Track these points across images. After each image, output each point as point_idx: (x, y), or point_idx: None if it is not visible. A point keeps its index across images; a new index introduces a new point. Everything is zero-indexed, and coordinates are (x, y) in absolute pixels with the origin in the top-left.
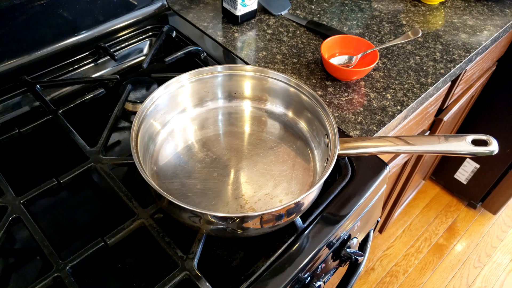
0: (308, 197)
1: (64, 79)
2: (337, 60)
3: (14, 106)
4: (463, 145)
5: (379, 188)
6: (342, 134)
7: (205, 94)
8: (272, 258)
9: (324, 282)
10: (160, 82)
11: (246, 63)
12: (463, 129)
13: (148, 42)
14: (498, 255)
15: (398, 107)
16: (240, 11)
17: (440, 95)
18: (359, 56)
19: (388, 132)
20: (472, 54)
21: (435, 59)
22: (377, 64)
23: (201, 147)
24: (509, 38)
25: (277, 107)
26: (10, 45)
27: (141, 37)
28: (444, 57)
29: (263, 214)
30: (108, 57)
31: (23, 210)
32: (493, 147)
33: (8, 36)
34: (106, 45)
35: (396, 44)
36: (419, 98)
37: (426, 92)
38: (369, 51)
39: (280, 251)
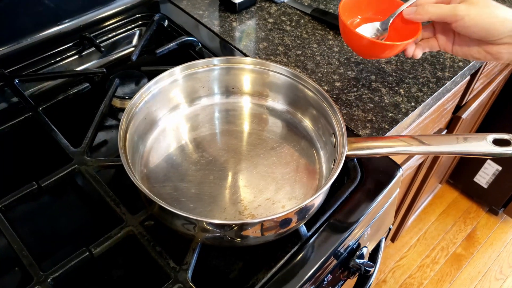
0: (314, 203)
1: (45, 72)
2: (362, 30)
3: None
4: (484, 145)
5: (391, 192)
6: (351, 133)
7: (200, 89)
8: (274, 270)
9: None
10: (151, 76)
11: (245, 55)
12: (483, 128)
13: (138, 32)
14: None
15: (412, 104)
16: None
17: (459, 91)
18: (389, 21)
19: (401, 131)
20: None
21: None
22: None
23: (196, 148)
24: None
25: (279, 104)
26: None
27: (129, 27)
28: None
29: (264, 221)
30: (93, 48)
31: (0, 217)
32: None
33: None
34: (92, 35)
35: None
36: (435, 93)
37: (443, 87)
38: (398, 12)
39: (282, 261)
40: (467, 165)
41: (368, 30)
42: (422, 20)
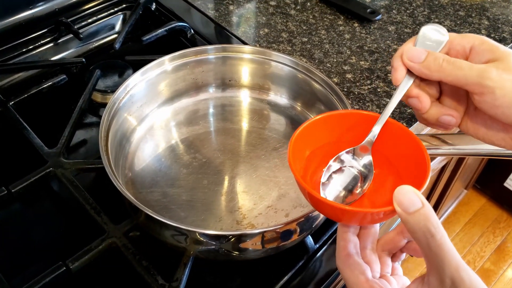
0: None
1: (16, 62)
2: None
3: None
4: None
5: None
6: None
7: (193, 81)
8: (277, 287)
9: None
10: (136, 66)
11: (244, 43)
12: None
13: (121, 16)
14: None
15: None
16: None
17: None
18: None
19: (422, 129)
20: None
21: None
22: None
23: (188, 148)
24: None
25: (282, 98)
26: None
27: (112, 10)
28: (492, 35)
29: (264, 231)
30: (71, 35)
31: None
32: None
33: None
34: (69, 20)
35: (433, 20)
36: None
37: None
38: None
39: (286, 278)
40: (496, 168)
41: (341, 177)
42: (427, 77)
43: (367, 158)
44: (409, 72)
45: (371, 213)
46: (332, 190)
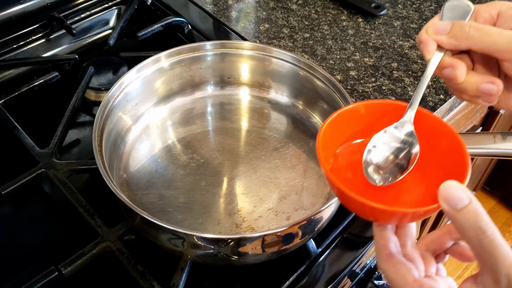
0: (324, 213)
1: (7, 59)
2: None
3: None
4: None
5: None
6: None
7: (190, 79)
8: None
9: None
10: (131, 63)
11: (244, 38)
12: None
13: (116, 11)
14: None
15: (441, 96)
16: None
17: None
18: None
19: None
20: None
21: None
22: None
23: (185, 148)
24: None
25: (283, 96)
26: None
27: (106, 5)
28: None
29: (265, 235)
30: (63, 31)
31: None
32: None
33: None
34: (61, 15)
35: None
36: None
37: None
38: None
39: (287, 283)
40: (506, 169)
41: (380, 151)
42: (456, 47)
43: (409, 134)
44: (438, 47)
45: (412, 212)
46: (372, 172)
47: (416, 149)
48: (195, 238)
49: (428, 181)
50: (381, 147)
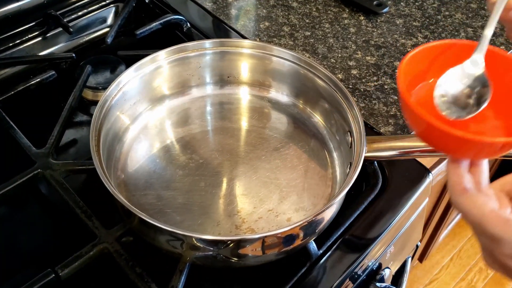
0: (325, 215)
1: (2, 58)
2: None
3: None
4: None
5: (419, 202)
6: (370, 130)
7: (189, 78)
8: None
9: None
10: (129, 62)
11: (244, 37)
12: None
13: (114, 9)
14: None
15: None
16: None
17: None
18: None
19: None
20: None
21: (494, 32)
22: None
23: (184, 148)
24: None
25: (283, 95)
26: None
27: (103, 3)
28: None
29: (265, 236)
30: (60, 29)
31: None
32: None
33: None
34: (58, 13)
35: (443, 13)
36: None
37: None
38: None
39: (288, 286)
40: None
41: (453, 85)
42: None
43: (480, 71)
44: None
45: (503, 142)
46: (444, 105)
47: (488, 86)
48: (194, 239)
49: (501, 117)
50: (454, 82)
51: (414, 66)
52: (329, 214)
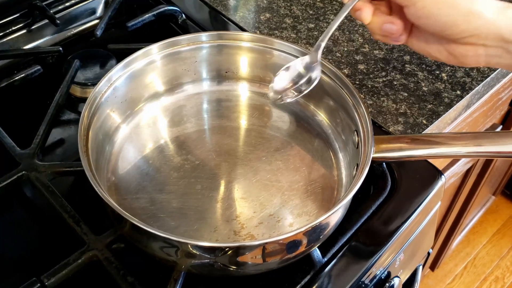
0: (331, 220)
1: None
2: None
3: None
4: None
5: (430, 206)
6: (379, 130)
7: (184, 73)
8: None
9: None
10: (120, 56)
11: (243, 29)
12: None
13: None
14: None
15: (458, 92)
16: None
17: None
18: None
19: (444, 128)
20: None
21: None
22: None
23: (178, 149)
24: None
25: None
26: None
27: None
28: None
29: (266, 243)
30: (46, 20)
31: None
32: None
33: None
34: (44, 3)
35: None
36: (488, 79)
37: (497, 71)
38: None
39: None
40: None
41: None
42: None
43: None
44: None
45: None
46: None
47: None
48: (189, 246)
49: None
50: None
51: None
52: (334, 219)
